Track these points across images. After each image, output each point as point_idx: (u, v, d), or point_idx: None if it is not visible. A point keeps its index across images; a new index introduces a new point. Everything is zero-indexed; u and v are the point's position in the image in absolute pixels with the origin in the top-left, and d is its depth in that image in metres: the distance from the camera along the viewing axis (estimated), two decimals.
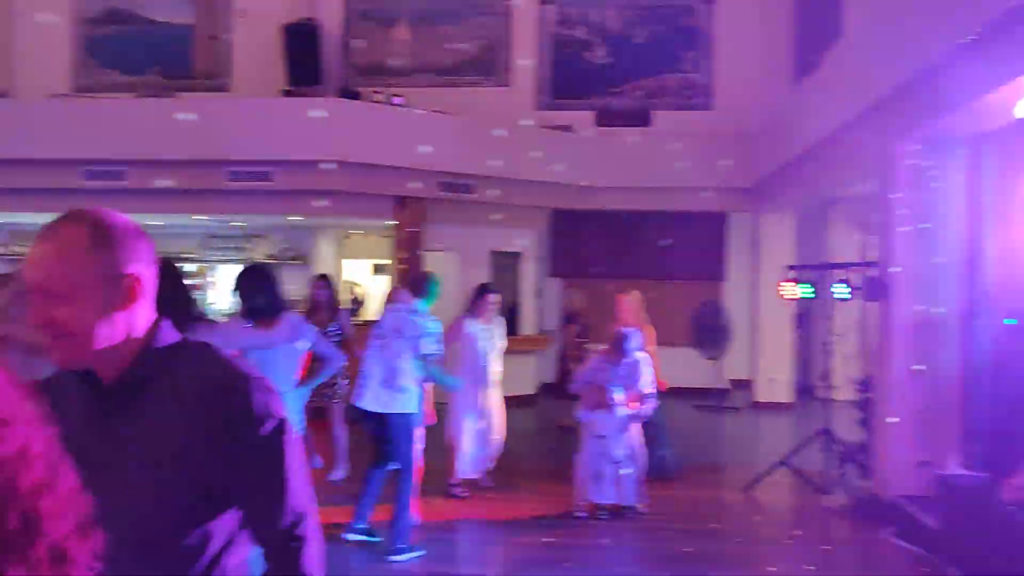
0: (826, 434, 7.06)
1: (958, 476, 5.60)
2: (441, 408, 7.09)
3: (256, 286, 4.48)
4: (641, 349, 6.63)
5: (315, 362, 5.20)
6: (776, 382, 12.04)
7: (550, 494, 6.93)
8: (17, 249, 13.14)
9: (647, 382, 6.56)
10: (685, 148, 11.90)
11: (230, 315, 6.61)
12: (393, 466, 5.69)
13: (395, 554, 5.42)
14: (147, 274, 1.52)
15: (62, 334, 1.43)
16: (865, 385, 7.30)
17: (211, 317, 4.17)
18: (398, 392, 5.56)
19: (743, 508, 6.97)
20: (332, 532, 5.71)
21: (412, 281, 6.03)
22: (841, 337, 8.06)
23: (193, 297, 4.01)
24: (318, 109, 10.09)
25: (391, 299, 6.28)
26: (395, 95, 10.87)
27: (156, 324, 1.55)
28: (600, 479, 6.41)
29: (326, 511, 5.94)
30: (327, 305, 7.60)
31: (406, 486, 5.51)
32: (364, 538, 5.62)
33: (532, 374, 12.29)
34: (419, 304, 5.82)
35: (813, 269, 7.58)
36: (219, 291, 13.09)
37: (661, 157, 11.84)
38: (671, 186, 12.00)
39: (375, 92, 10.91)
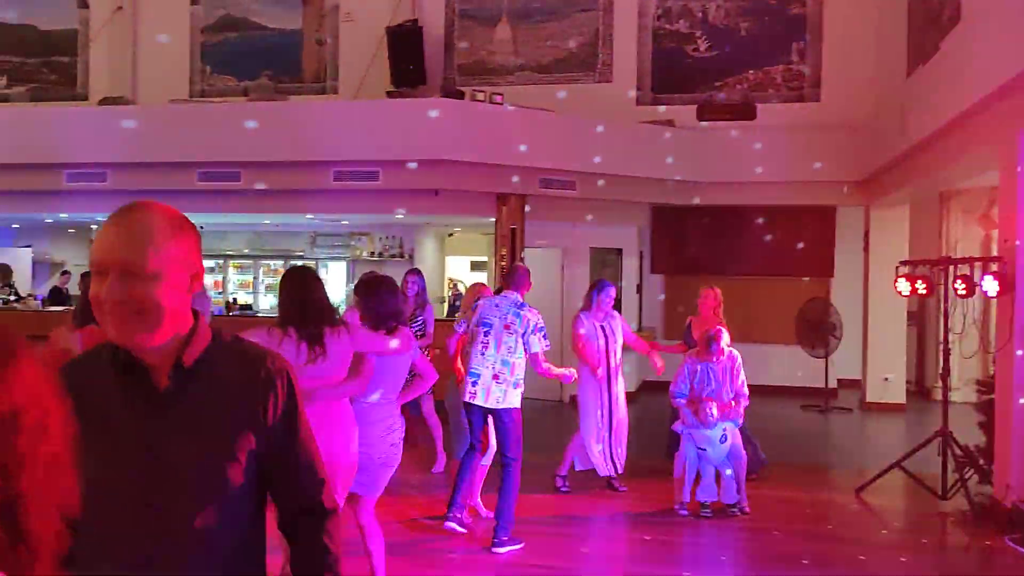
0: (944, 436, 6.75)
1: None
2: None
3: (386, 296, 4.51)
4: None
5: (412, 377, 5.20)
6: (889, 382, 11.61)
7: (652, 491, 6.87)
8: None
9: (741, 382, 6.48)
10: (791, 141, 11.60)
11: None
12: (485, 460, 5.83)
13: (498, 545, 5.48)
14: (202, 266, 1.64)
15: (139, 311, 1.50)
16: (987, 385, 6.95)
17: (346, 322, 4.26)
18: (509, 387, 5.60)
19: (853, 510, 6.74)
20: (434, 524, 5.82)
21: (509, 274, 6.02)
22: (959, 335, 7.70)
23: (332, 303, 4.16)
24: (420, 109, 10.26)
25: (475, 292, 6.30)
26: (496, 93, 10.95)
27: (198, 319, 1.63)
28: (702, 478, 6.34)
29: (428, 503, 6.06)
30: (415, 299, 7.66)
31: (514, 479, 5.55)
32: (460, 528, 5.70)
33: (634, 371, 12.18)
34: (519, 297, 5.83)
35: (928, 264, 7.25)
36: (329, 287, 13.47)
37: (766, 151, 11.56)
38: (776, 180, 11.71)
39: (477, 91, 11.02)
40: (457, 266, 15.49)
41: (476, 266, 15.16)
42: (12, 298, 11.62)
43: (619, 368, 7.06)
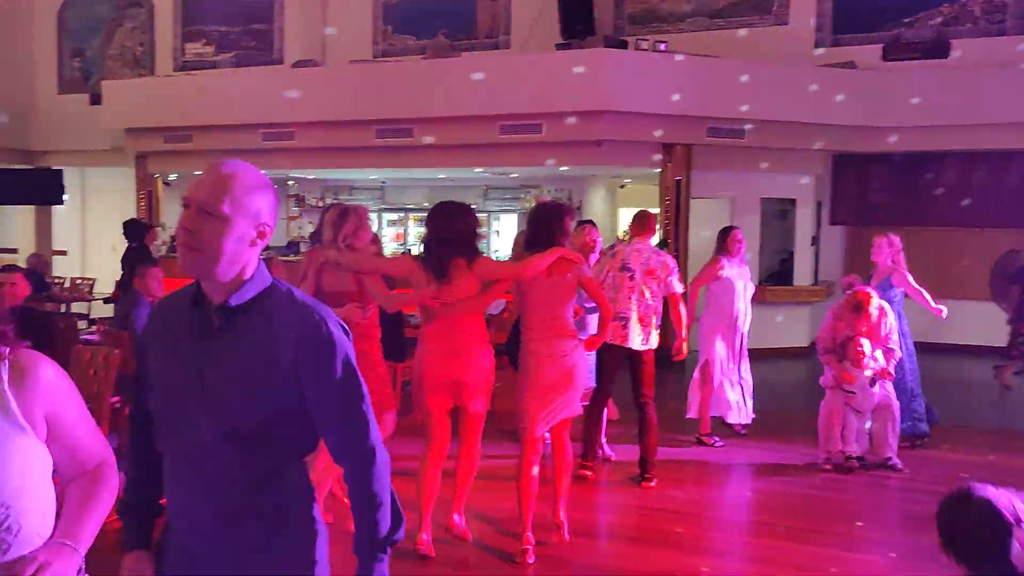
0: None
1: None
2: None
3: (537, 222, 4.69)
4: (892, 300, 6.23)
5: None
6: None
7: (803, 445, 6.70)
8: (328, 201, 14.79)
9: (886, 335, 6.16)
10: (991, 79, 10.65)
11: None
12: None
13: (649, 481, 5.80)
14: (272, 227, 1.81)
15: (197, 247, 1.73)
16: None
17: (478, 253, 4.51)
18: (652, 329, 5.82)
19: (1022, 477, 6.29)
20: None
21: (641, 221, 6.05)
22: None
23: (479, 236, 4.50)
24: (582, 60, 10.29)
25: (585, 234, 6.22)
26: (660, 41, 10.77)
27: (259, 268, 1.83)
28: (848, 431, 6.12)
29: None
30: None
31: (655, 416, 5.81)
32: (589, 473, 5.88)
33: (805, 326, 11.78)
34: (652, 243, 5.91)
35: None
36: (500, 239, 13.90)
37: (961, 91, 10.67)
38: (973, 123, 10.80)
39: (640, 40, 10.89)
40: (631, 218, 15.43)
41: None
42: None
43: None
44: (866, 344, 6.02)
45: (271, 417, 1.76)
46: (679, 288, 5.85)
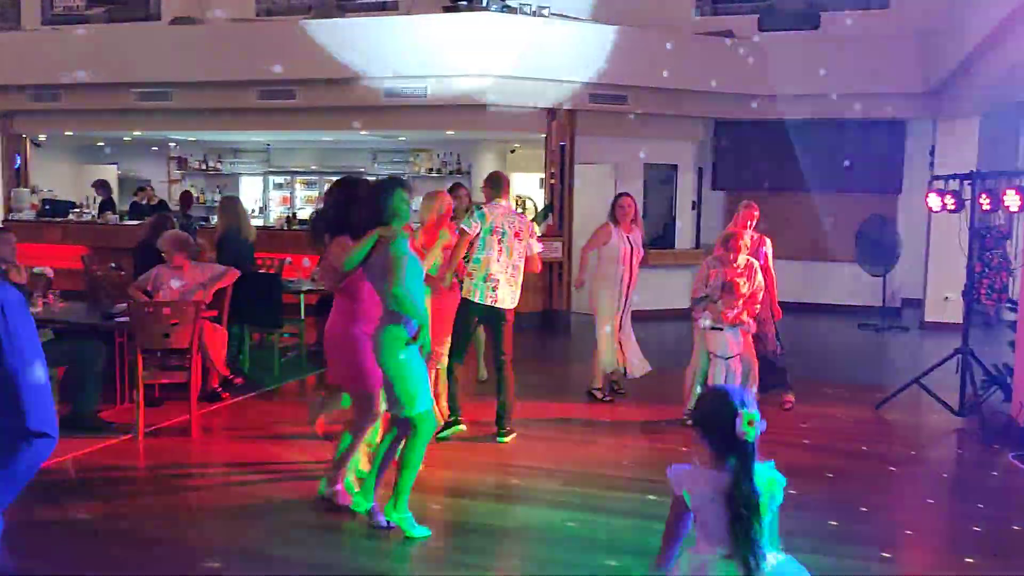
0: (965, 354, 6.65)
1: None
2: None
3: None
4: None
5: None
6: (949, 301, 11.26)
7: (679, 403, 6.86)
8: (212, 164, 14.41)
9: (758, 286, 6.47)
10: (857, 51, 11.13)
11: None
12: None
13: (506, 435, 6.03)
14: None
15: None
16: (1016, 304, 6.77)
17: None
18: (518, 289, 6.03)
19: (868, 426, 6.74)
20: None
21: (497, 182, 6.13)
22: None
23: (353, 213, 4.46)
24: (466, 23, 10.27)
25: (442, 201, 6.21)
26: (544, 7, 10.84)
27: None
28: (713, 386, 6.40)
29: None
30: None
31: (511, 374, 6.00)
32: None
33: (686, 289, 12.16)
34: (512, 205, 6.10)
35: (964, 179, 6.94)
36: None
37: (831, 62, 11.12)
38: (842, 93, 11.29)
39: (523, 4, 10.94)
40: (524, 183, 15.53)
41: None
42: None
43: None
44: (742, 282, 6.23)
45: None
46: (537, 248, 6.11)
